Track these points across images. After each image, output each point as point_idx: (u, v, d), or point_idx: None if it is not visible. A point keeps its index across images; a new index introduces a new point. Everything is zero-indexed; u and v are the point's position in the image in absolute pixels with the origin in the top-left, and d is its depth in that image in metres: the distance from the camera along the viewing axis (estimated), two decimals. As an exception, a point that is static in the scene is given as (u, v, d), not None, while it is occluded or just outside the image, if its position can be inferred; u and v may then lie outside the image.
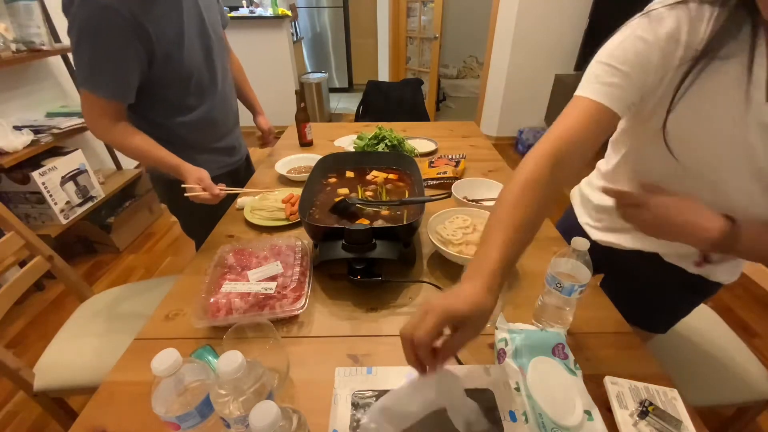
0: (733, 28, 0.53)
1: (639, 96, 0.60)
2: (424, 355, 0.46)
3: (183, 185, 0.98)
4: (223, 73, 1.15)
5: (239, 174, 1.36)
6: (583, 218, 0.90)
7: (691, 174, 0.63)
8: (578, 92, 0.61)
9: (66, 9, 0.84)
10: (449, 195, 0.92)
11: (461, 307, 0.46)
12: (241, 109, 1.36)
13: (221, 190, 0.99)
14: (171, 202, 1.26)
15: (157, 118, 1.05)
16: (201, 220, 1.14)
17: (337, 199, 1.00)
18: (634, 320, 0.75)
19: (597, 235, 0.85)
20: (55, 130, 1.88)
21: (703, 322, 1.10)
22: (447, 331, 0.48)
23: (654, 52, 0.57)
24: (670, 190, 0.63)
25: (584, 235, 0.82)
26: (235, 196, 1.16)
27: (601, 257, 0.69)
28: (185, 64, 1.00)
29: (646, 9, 0.58)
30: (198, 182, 0.97)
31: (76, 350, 1.04)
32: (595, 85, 0.60)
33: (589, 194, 0.88)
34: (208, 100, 1.12)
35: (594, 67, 0.61)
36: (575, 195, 0.95)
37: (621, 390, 0.59)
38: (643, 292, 0.83)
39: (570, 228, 0.93)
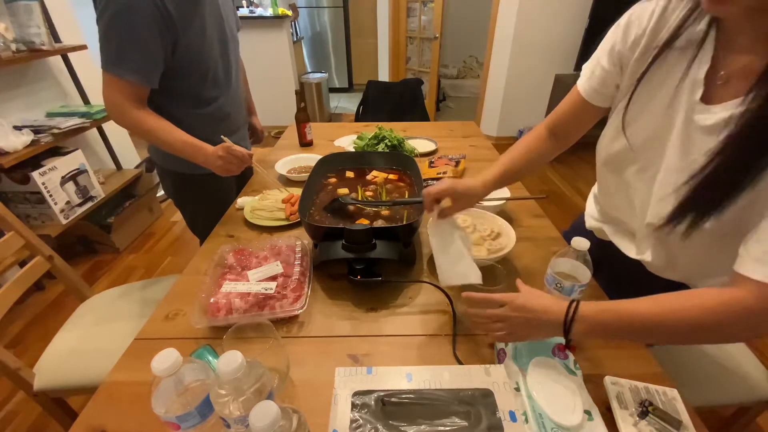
0: (693, 22, 0.56)
1: (611, 84, 0.69)
2: (427, 202, 0.76)
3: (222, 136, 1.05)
4: (236, 69, 1.19)
5: (245, 171, 1.37)
6: (590, 222, 0.90)
7: (640, 159, 0.67)
8: (579, 80, 0.75)
9: None
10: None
11: (459, 187, 0.75)
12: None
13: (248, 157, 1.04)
14: (177, 196, 1.29)
15: (173, 110, 1.07)
16: (206, 215, 1.16)
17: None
18: None
19: (602, 235, 0.86)
20: (55, 130, 1.88)
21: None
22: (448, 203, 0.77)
23: (626, 52, 0.64)
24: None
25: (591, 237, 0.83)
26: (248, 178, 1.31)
27: (598, 257, 0.69)
28: (204, 56, 1.04)
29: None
30: (225, 151, 1.00)
31: (76, 350, 1.04)
32: (583, 80, 0.73)
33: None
34: (223, 94, 1.15)
35: (591, 58, 0.72)
36: (589, 200, 0.94)
37: (621, 390, 0.59)
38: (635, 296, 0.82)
39: (579, 231, 0.93)
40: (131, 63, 0.92)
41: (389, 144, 1.44)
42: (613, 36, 0.66)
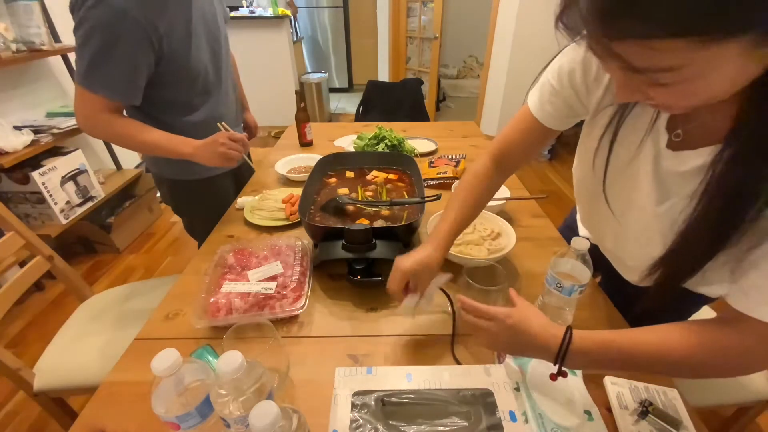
0: None
1: (572, 113, 0.65)
2: (398, 296, 0.68)
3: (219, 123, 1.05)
4: (226, 71, 1.17)
5: (242, 172, 1.37)
6: (582, 230, 0.89)
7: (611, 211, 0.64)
8: (528, 98, 0.70)
9: (75, 6, 0.83)
10: (439, 197, 0.92)
11: (410, 266, 0.66)
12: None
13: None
14: (175, 203, 1.27)
15: (165, 118, 1.05)
16: (204, 219, 1.15)
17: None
18: (632, 323, 0.74)
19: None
20: (55, 130, 1.88)
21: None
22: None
23: (582, 86, 0.60)
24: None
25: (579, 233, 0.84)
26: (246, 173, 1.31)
27: (597, 257, 0.69)
28: (192, 63, 1.00)
29: None
30: (227, 138, 0.98)
31: (76, 350, 1.04)
32: (536, 99, 0.68)
33: None
34: (214, 98, 1.13)
35: (545, 75, 0.66)
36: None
37: (621, 390, 0.59)
38: (635, 296, 0.81)
39: (572, 223, 0.96)
40: (102, 78, 0.89)
41: (389, 144, 1.44)
42: (572, 59, 0.60)
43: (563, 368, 0.53)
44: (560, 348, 0.51)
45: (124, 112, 1.02)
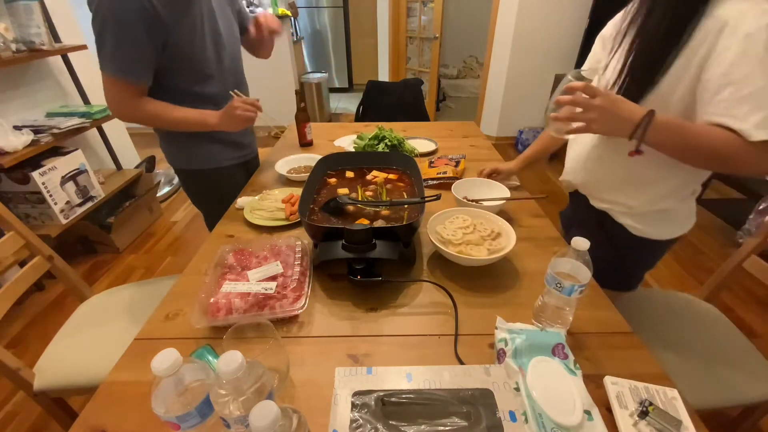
0: None
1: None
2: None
3: (232, 91, 1.12)
4: (232, 63, 1.19)
5: (249, 167, 1.40)
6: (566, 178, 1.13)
7: None
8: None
9: (90, 1, 0.90)
10: (438, 197, 0.92)
11: (502, 167, 1.22)
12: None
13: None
14: (191, 194, 1.34)
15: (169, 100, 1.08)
16: (220, 212, 1.16)
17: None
18: (602, 282, 0.83)
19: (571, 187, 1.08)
20: (55, 130, 1.88)
21: (708, 322, 1.11)
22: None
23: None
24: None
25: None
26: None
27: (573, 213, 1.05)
28: (196, 53, 1.05)
29: None
30: (242, 101, 1.05)
31: (76, 350, 1.04)
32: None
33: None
34: (220, 90, 1.15)
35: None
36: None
37: (621, 390, 0.59)
38: (603, 253, 0.88)
39: (568, 215, 1.21)
40: (123, 63, 0.95)
41: (389, 144, 1.44)
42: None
43: (640, 147, 0.71)
44: (644, 117, 0.68)
45: None
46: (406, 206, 1.01)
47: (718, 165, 0.71)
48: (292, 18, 4.00)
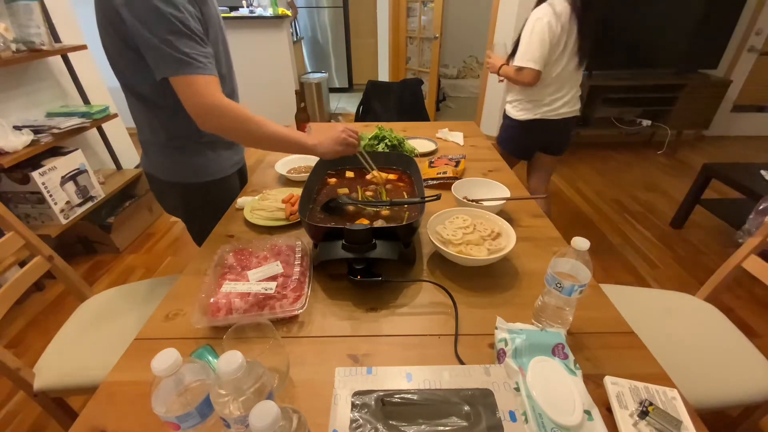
0: None
1: None
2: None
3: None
4: (230, 70, 1.16)
5: (244, 172, 1.38)
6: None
7: None
8: None
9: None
10: (438, 197, 0.92)
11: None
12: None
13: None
14: (188, 207, 1.21)
15: (183, 112, 0.97)
16: (216, 222, 1.12)
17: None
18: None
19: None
20: (55, 130, 1.88)
21: (709, 322, 1.11)
22: None
23: None
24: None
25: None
26: None
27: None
28: (220, 55, 1.02)
29: None
30: (348, 128, 1.05)
31: (76, 350, 1.04)
32: None
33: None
34: (227, 92, 1.10)
35: None
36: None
37: (621, 390, 0.59)
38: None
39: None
40: (204, 60, 0.88)
41: (389, 144, 1.44)
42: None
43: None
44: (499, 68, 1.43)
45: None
46: (406, 206, 1.02)
47: None
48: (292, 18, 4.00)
